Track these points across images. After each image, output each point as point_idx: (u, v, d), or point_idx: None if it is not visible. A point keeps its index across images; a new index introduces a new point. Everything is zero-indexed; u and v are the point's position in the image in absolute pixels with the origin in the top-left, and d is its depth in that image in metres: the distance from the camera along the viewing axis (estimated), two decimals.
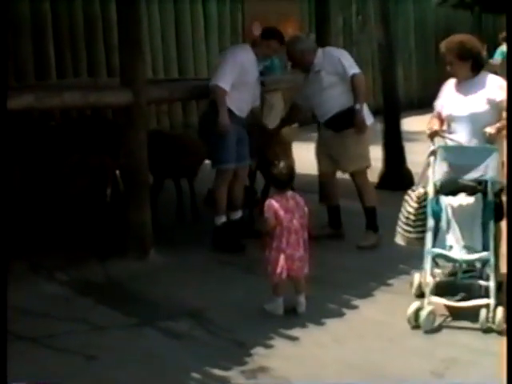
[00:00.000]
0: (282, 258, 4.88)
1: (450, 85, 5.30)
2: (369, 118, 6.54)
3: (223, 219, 6.48)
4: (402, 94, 8.89)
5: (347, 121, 6.35)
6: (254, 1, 13.12)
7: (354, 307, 5.10)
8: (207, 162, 7.06)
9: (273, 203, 4.95)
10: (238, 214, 6.71)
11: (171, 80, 9.77)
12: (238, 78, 6.24)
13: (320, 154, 6.80)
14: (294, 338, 4.57)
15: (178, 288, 5.49)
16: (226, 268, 5.98)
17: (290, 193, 5.09)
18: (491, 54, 15.37)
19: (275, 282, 4.95)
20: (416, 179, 8.63)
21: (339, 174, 6.84)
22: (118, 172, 6.86)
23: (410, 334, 4.63)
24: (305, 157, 7.51)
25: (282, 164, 5.18)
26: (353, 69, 6.39)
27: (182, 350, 4.46)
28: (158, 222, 6.66)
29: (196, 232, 6.98)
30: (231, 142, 6.32)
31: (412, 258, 6.03)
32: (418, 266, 5.83)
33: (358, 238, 6.50)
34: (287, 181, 5.11)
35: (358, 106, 6.33)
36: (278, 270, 4.88)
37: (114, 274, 5.82)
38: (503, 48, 14.88)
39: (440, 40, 5.44)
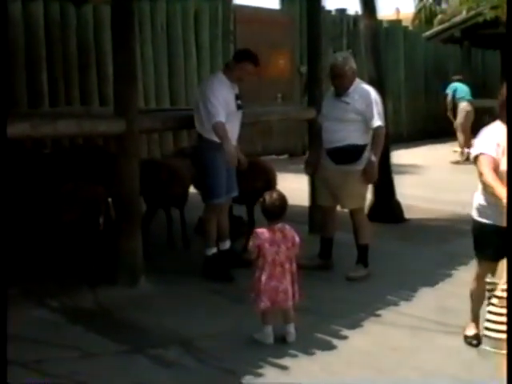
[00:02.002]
0: (264, 289, 4.92)
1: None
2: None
3: (214, 250, 6.53)
4: (391, 127, 8.98)
5: (352, 157, 6.36)
6: (245, 32, 13.23)
7: (344, 337, 5.12)
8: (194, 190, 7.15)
9: (258, 235, 4.98)
10: (227, 244, 6.75)
11: (163, 110, 9.84)
12: (225, 110, 6.27)
13: (320, 187, 6.84)
14: (283, 367, 4.59)
15: (167, 316, 5.51)
16: (215, 297, 6.00)
17: (279, 225, 5.06)
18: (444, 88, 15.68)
19: (259, 310, 4.99)
20: (405, 212, 8.79)
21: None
22: (110, 200, 6.89)
23: (399, 364, 4.67)
24: (294, 187, 7.54)
25: (274, 195, 5.18)
26: (380, 120, 6.33)
27: (172, 378, 4.48)
28: (149, 250, 6.68)
29: (186, 260, 7.02)
30: (223, 177, 6.37)
31: (400, 290, 6.13)
32: (407, 298, 5.95)
33: (346, 269, 6.54)
34: (278, 213, 5.09)
35: (373, 158, 6.33)
36: (259, 301, 4.93)
37: (104, 301, 5.84)
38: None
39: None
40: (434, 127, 16.68)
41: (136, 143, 6.14)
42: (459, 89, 15.37)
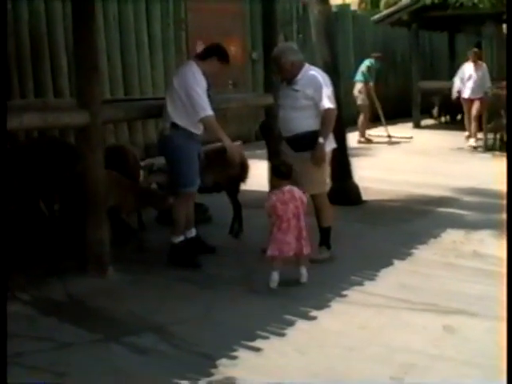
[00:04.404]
0: (273, 241, 5.85)
1: None
2: (331, 144, 6.65)
3: (181, 238, 6.59)
4: (343, 110, 9.11)
5: (308, 144, 6.42)
6: (197, 20, 13.28)
7: (313, 318, 5.26)
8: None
9: (272, 197, 5.91)
10: (193, 232, 6.83)
11: (128, 100, 9.87)
12: None
13: None
14: (257, 349, 4.71)
15: (138, 304, 5.58)
16: (184, 284, 6.07)
17: (287, 187, 5.93)
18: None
19: (268, 258, 5.89)
20: (363, 194, 8.95)
21: None
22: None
23: (368, 342, 4.82)
24: (253, 174, 7.62)
25: (283, 160, 6.14)
26: (328, 102, 6.40)
27: (149, 364, 4.56)
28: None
29: (151, 249, 7.05)
30: (196, 165, 6.42)
31: (364, 270, 6.30)
32: (371, 278, 6.11)
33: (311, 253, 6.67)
34: (286, 172, 6.01)
35: (321, 140, 6.38)
36: (271, 251, 5.84)
37: (74, 292, 5.88)
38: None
39: None
40: (385, 108, 16.87)
41: (100, 134, 6.17)
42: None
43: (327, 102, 6.41)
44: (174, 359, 4.61)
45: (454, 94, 14.95)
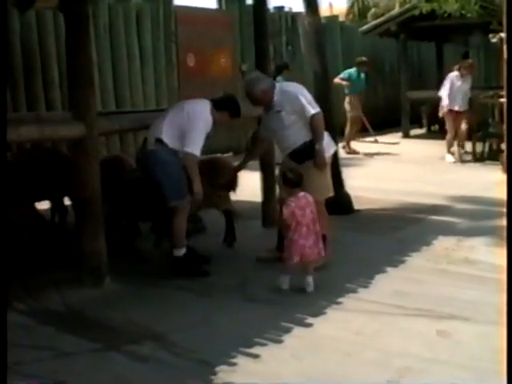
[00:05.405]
0: (294, 247, 5.96)
1: None
2: (330, 148, 6.79)
3: (184, 250, 6.61)
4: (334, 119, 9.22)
5: (309, 153, 6.55)
6: (187, 32, 13.34)
7: (309, 325, 5.32)
8: None
9: (290, 204, 6.01)
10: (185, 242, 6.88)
11: (121, 112, 9.95)
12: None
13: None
14: (255, 356, 4.77)
15: (137, 313, 5.64)
16: (182, 293, 6.14)
17: (301, 193, 6.14)
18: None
19: (289, 265, 6.03)
20: (355, 203, 9.03)
21: None
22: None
23: (364, 347, 4.89)
24: (245, 184, 7.70)
25: (292, 169, 6.28)
26: (311, 108, 6.54)
27: (149, 371, 4.61)
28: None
29: (148, 259, 7.12)
30: (184, 177, 6.43)
31: (358, 277, 6.37)
32: (365, 285, 6.19)
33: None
34: (298, 181, 6.17)
35: (317, 146, 6.52)
36: (292, 256, 5.97)
37: (71, 302, 5.93)
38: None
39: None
40: (374, 118, 16.99)
41: (96, 145, 6.25)
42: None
43: (310, 109, 6.55)
44: (173, 366, 4.67)
45: (444, 110, 14.03)
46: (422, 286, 6.20)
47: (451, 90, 13.76)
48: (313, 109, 6.58)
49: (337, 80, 15.38)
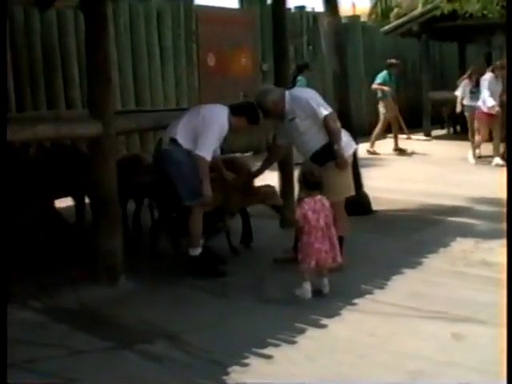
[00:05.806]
0: (310, 251, 5.87)
1: None
2: (350, 147, 6.77)
3: (199, 250, 6.61)
4: (353, 122, 9.19)
5: (329, 155, 6.53)
6: (207, 31, 13.35)
7: (323, 326, 5.30)
8: None
9: (303, 205, 5.96)
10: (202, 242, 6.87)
11: (140, 111, 9.97)
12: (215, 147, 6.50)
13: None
14: (267, 356, 4.75)
15: (151, 312, 5.64)
16: (196, 292, 6.13)
17: (318, 196, 6.05)
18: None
19: (306, 270, 5.91)
20: (374, 204, 8.99)
21: None
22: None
23: (378, 349, 4.86)
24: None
25: (312, 171, 6.21)
26: (323, 110, 6.54)
27: (161, 370, 4.61)
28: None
29: (162, 258, 7.12)
30: (197, 177, 6.41)
31: (374, 279, 6.34)
32: (381, 286, 6.15)
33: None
34: (317, 183, 6.09)
35: (336, 147, 6.50)
36: (307, 260, 5.87)
37: (85, 300, 5.95)
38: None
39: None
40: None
41: (113, 144, 6.26)
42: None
43: (322, 111, 6.54)
44: (186, 366, 4.66)
45: (496, 109, 13.37)
46: (439, 287, 6.15)
47: (490, 91, 13.40)
48: (325, 110, 6.57)
49: (375, 86, 15.29)
